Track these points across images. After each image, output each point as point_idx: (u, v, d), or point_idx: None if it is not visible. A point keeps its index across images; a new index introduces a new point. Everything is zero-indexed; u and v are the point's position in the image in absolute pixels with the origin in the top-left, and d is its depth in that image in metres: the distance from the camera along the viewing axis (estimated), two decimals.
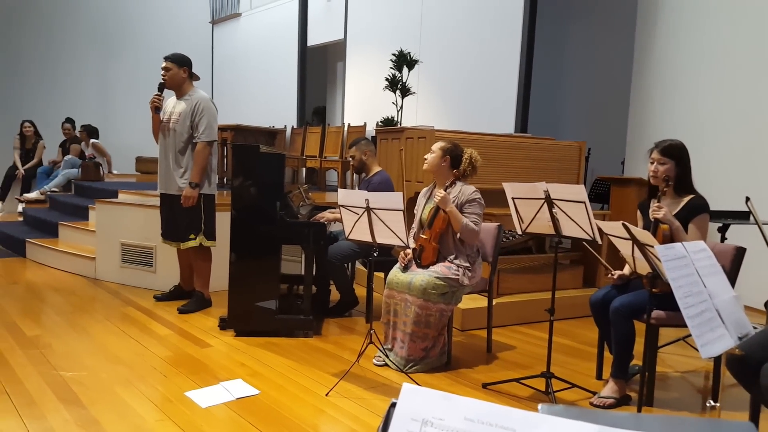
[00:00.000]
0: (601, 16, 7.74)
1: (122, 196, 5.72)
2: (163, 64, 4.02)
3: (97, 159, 8.00)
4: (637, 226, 2.76)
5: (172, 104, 4.11)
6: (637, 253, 2.33)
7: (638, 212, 3.02)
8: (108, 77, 12.41)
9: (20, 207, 7.44)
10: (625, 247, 2.41)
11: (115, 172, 8.67)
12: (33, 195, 7.63)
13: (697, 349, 1.64)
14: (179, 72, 4.02)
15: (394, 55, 6.53)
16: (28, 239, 5.78)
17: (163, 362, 3.14)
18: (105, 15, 12.34)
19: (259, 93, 10.19)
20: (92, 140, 8.18)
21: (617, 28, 7.26)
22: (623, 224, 2.24)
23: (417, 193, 3.67)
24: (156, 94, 4.03)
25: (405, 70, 6.50)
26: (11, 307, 4.09)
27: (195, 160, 3.97)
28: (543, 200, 2.64)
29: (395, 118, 6.63)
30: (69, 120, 8.46)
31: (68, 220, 5.93)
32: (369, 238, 2.95)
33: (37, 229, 6.27)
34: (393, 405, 0.63)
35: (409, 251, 3.20)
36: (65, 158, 7.91)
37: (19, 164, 8.16)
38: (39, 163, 8.27)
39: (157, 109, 4.04)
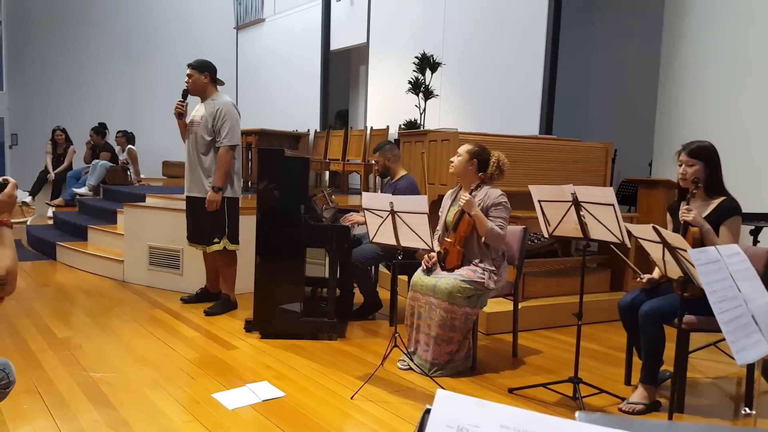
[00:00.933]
0: (627, 15, 7.63)
1: (150, 200, 5.81)
2: (186, 71, 4.10)
3: (128, 164, 8.19)
4: (666, 228, 2.70)
5: (196, 108, 4.18)
6: (668, 256, 2.28)
7: (668, 215, 2.96)
8: (135, 83, 12.65)
9: (50, 211, 7.62)
10: (655, 251, 2.37)
11: (143, 176, 8.84)
12: (57, 201, 7.84)
13: (729, 354, 1.60)
14: (200, 77, 4.08)
15: (416, 57, 6.53)
16: (58, 242, 5.91)
17: (190, 364, 3.17)
18: (132, 23, 12.59)
19: (283, 97, 10.28)
20: (129, 146, 8.36)
21: (644, 27, 7.14)
22: (654, 227, 2.20)
23: (440, 196, 3.65)
24: (179, 101, 4.10)
25: (428, 72, 6.49)
26: (42, 308, 4.18)
27: (218, 165, 4.01)
28: (570, 203, 2.60)
29: (418, 121, 6.62)
30: (98, 127, 8.63)
31: (97, 223, 6.05)
32: (393, 241, 2.95)
33: (67, 233, 6.41)
34: (427, 411, 0.62)
35: (433, 254, 3.18)
36: (93, 162, 8.07)
37: (50, 168, 8.39)
38: (69, 167, 8.47)
39: (180, 115, 4.11)
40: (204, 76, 4.09)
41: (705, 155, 2.72)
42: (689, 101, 5.33)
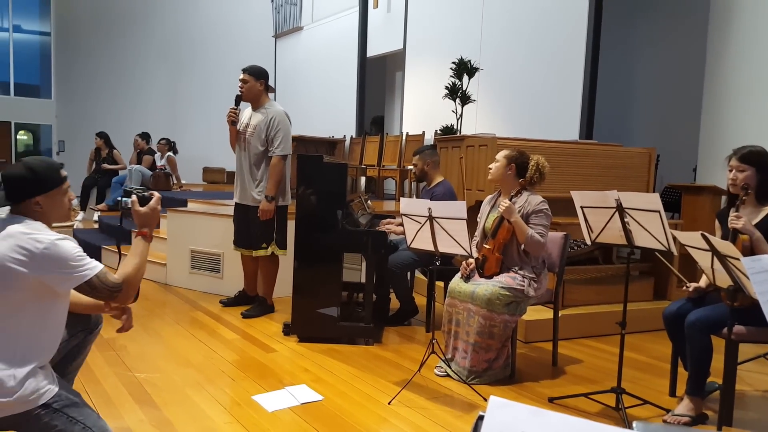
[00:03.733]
0: (670, 15, 7.45)
1: (191, 205, 5.95)
2: (241, 76, 4.06)
3: (167, 170, 8.40)
4: (714, 236, 2.62)
5: (248, 116, 4.16)
6: (717, 265, 2.21)
7: (716, 222, 2.88)
8: (177, 91, 12.98)
9: (96, 215, 7.87)
10: (703, 259, 2.30)
11: (183, 182, 9.05)
12: (101, 206, 8.08)
13: None
14: (256, 84, 4.07)
15: (453, 63, 6.51)
16: (103, 246, 6.09)
17: (230, 366, 3.23)
18: (174, 32, 12.93)
19: (320, 104, 10.39)
20: (169, 153, 8.58)
21: (688, 27, 6.97)
22: (702, 235, 2.14)
23: (478, 202, 3.63)
24: (232, 108, 4.08)
25: (465, 77, 6.46)
26: None
27: (270, 174, 4.01)
28: (614, 209, 2.55)
29: (455, 127, 6.60)
30: (142, 134, 8.87)
31: None
32: (431, 247, 2.94)
33: (112, 237, 6.60)
34: (480, 418, 0.62)
35: (471, 261, 3.16)
36: (132, 167, 8.29)
37: (87, 171, 8.60)
38: (116, 172, 8.66)
39: (233, 122, 4.10)
40: (260, 84, 4.07)
41: (756, 161, 2.63)
42: (736, 104, 5.16)
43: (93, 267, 1.77)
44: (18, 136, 14.21)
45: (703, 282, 2.78)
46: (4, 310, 1.70)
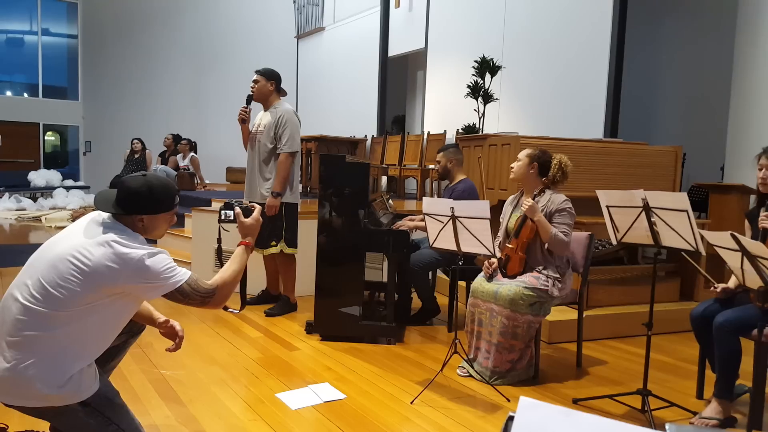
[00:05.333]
0: (697, 11, 7.31)
1: (215, 205, 6.01)
2: (253, 77, 4.20)
3: (191, 170, 8.51)
4: (744, 236, 2.57)
5: (260, 116, 4.28)
6: (747, 265, 2.17)
7: (746, 221, 2.82)
8: (201, 92, 13.14)
9: None
10: (732, 260, 2.25)
11: (207, 181, 9.16)
12: None
13: None
14: (266, 85, 4.17)
15: (476, 62, 6.48)
16: None
17: (254, 363, 3.26)
18: (198, 34, 13.08)
19: (341, 104, 10.43)
20: (192, 154, 8.71)
21: (715, 24, 6.84)
22: (732, 235, 2.10)
23: (501, 201, 3.61)
24: (243, 107, 4.19)
25: (487, 76, 6.43)
26: None
27: (277, 170, 4.09)
28: (641, 209, 2.52)
29: (477, 125, 6.57)
30: (175, 136, 9.05)
31: None
32: (454, 247, 2.93)
33: None
34: (510, 418, 0.62)
35: (493, 260, 3.14)
36: (157, 167, 8.44)
37: (126, 166, 8.88)
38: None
39: (243, 121, 4.21)
40: (270, 84, 4.18)
41: None
42: (766, 101, 5.05)
43: (182, 274, 1.84)
44: (46, 137, 14.53)
45: (731, 283, 2.73)
46: (79, 309, 1.73)
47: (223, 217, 2.13)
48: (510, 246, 3.12)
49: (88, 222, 1.85)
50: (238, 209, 2.08)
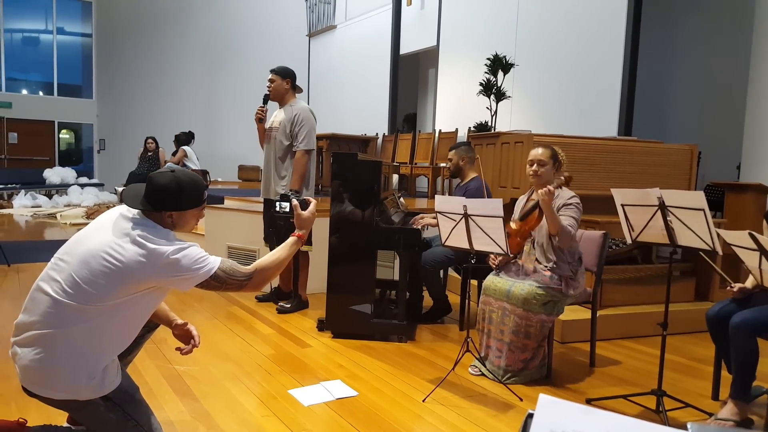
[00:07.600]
0: (713, 7, 7.22)
1: (228, 202, 6.05)
2: (269, 77, 4.22)
3: (200, 168, 8.52)
4: (762, 234, 2.54)
5: (275, 113, 4.30)
6: (765, 265, 2.14)
7: (764, 221, 2.78)
8: (213, 90, 13.20)
9: None
10: (750, 259, 2.23)
11: (219, 179, 9.20)
12: None
13: None
14: (282, 83, 4.20)
15: (488, 59, 6.45)
16: None
17: (267, 360, 3.27)
18: (210, 32, 13.15)
19: (353, 102, 10.43)
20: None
21: (732, 23, 6.75)
22: (750, 234, 2.07)
23: (512, 200, 3.59)
24: (260, 107, 4.23)
25: (500, 74, 6.40)
26: None
27: (294, 168, 4.11)
28: (656, 207, 2.49)
29: (489, 123, 6.54)
30: (187, 133, 9.09)
31: None
32: (466, 245, 2.92)
33: None
34: (530, 416, 0.61)
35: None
36: (167, 164, 8.48)
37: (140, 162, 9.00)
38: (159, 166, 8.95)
39: (260, 120, 4.25)
40: (286, 83, 4.20)
41: None
42: None
43: (214, 262, 1.84)
44: (60, 135, 14.69)
45: (748, 283, 2.70)
46: (110, 304, 1.75)
47: (278, 208, 2.12)
48: (513, 226, 3.11)
49: (117, 217, 1.84)
50: (295, 201, 2.07)
